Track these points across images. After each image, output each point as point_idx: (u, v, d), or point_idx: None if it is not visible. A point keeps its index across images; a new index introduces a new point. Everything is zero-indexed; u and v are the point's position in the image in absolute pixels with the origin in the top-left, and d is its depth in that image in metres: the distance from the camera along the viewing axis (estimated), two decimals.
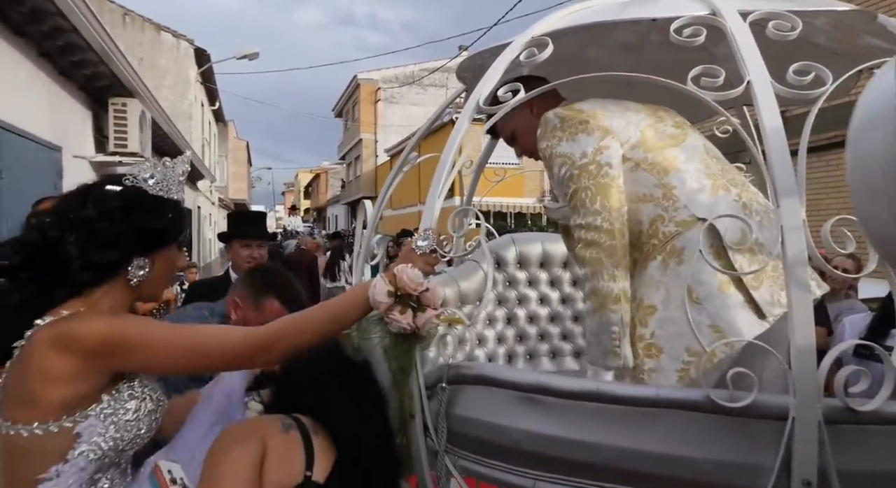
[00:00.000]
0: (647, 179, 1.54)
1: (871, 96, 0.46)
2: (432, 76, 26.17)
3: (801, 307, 1.08)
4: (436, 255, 1.40)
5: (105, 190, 1.22)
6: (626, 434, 1.16)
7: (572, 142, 1.54)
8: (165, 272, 1.30)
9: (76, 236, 1.15)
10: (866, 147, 0.45)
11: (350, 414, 1.26)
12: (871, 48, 1.76)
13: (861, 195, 0.46)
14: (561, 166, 1.56)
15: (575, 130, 1.54)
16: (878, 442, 1.10)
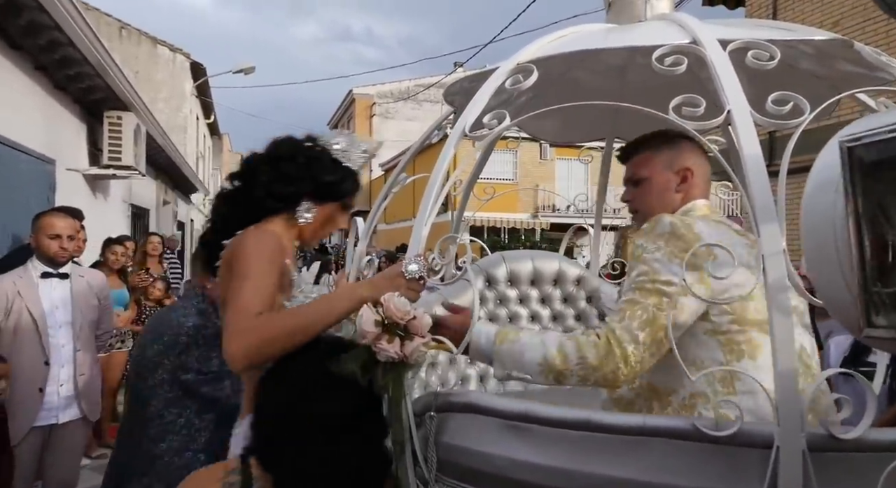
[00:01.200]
0: (715, 354, 1.31)
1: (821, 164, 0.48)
2: (427, 92, 26.35)
3: (783, 332, 1.09)
4: (422, 282, 1.40)
5: (296, 141, 1.58)
6: (613, 462, 1.16)
7: (668, 262, 1.32)
8: (325, 223, 1.61)
9: (268, 169, 1.50)
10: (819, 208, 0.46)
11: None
12: (849, 73, 1.79)
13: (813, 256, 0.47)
14: (641, 273, 1.35)
15: (677, 255, 1.31)
16: (862, 470, 1.10)
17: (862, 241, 0.40)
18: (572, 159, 20.76)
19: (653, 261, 1.34)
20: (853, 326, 0.43)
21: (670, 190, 1.56)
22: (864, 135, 0.41)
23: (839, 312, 0.44)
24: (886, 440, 1.11)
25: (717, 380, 1.28)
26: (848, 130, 0.45)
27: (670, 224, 1.36)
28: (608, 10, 2.02)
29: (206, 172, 20.10)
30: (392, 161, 26.17)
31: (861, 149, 0.41)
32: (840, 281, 0.43)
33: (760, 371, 1.20)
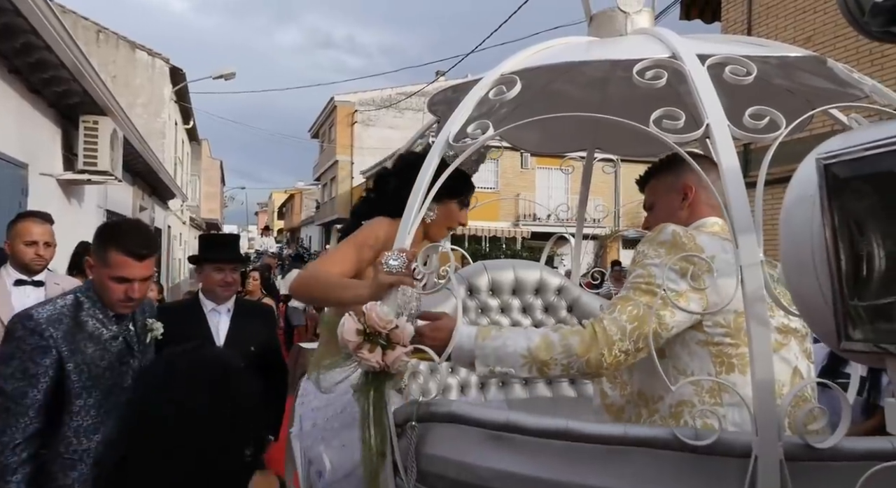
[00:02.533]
0: (706, 365, 1.32)
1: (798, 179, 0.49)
2: (409, 100, 26.40)
3: (760, 342, 1.11)
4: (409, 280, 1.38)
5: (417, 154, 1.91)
6: (594, 472, 1.17)
7: (666, 269, 1.32)
8: (446, 218, 2.12)
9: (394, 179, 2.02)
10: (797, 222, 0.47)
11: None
12: (821, 89, 1.84)
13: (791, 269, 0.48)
14: (638, 276, 1.37)
15: (677, 263, 1.32)
16: (838, 478, 1.12)
17: (839, 255, 0.41)
18: (552, 168, 20.93)
19: (651, 267, 1.35)
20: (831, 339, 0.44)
21: (675, 209, 1.59)
22: (840, 152, 0.42)
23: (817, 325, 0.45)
24: (861, 449, 1.13)
25: (705, 391, 1.29)
26: (824, 148, 0.46)
27: (672, 233, 1.38)
28: (590, 23, 2.05)
29: (184, 178, 19.85)
30: (373, 168, 26.13)
31: (837, 166, 0.43)
32: (818, 294, 0.44)
33: (749, 387, 1.21)
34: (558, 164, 13.67)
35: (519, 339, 1.35)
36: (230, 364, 1.06)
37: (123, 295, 1.86)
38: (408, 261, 1.39)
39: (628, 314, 1.31)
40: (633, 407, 1.41)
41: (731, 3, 9.59)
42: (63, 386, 1.80)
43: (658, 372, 1.20)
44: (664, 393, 1.34)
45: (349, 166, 30.85)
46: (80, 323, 1.87)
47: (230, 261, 2.89)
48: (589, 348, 1.30)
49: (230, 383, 1.01)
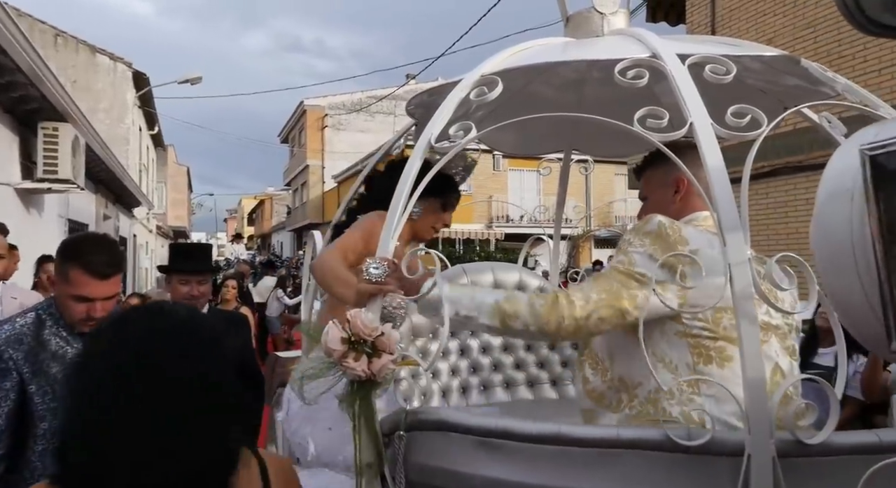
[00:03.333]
0: (683, 355, 1.32)
1: (832, 172, 0.48)
2: (380, 104, 26.27)
3: (750, 340, 1.11)
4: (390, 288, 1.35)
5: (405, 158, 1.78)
6: (587, 476, 1.15)
7: (648, 257, 1.34)
8: (430, 219, 2.27)
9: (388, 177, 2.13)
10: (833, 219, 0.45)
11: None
12: (795, 87, 1.87)
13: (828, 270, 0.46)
14: (619, 261, 1.39)
15: (658, 254, 1.32)
16: (827, 472, 1.12)
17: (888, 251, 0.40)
18: (524, 170, 21.05)
19: (633, 254, 1.37)
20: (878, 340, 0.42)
21: (667, 202, 1.59)
22: (888, 142, 0.41)
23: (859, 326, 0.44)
24: (850, 443, 1.14)
25: (693, 382, 1.29)
26: (866, 138, 0.44)
27: (658, 224, 1.39)
28: (566, 24, 2.05)
29: (149, 185, 19.38)
30: (345, 173, 25.92)
31: (884, 156, 0.41)
32: (860, 294, 0.43)
33: (727, 381, 1.22)
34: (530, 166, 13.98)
35: (490, 293, 1.45)
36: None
37: (85, 314, 1.76)
38: (389, 269, 1.36)
39: (598, 288, 1.36)
40: (615, 393, 1.42)
41: (696, 7, 9.79)
42: (27, 408, 1.71)
43: (635, 357, 1.20)
44: (643, 380, 1.35)
45: (320, 171, 30.56)
46: (43, 342, 1.77)
47: (196, 273, 2.79)
48: (551, 309, 1.34)
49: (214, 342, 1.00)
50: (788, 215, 7.67)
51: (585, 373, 1.51)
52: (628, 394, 1.38)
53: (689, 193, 1.58)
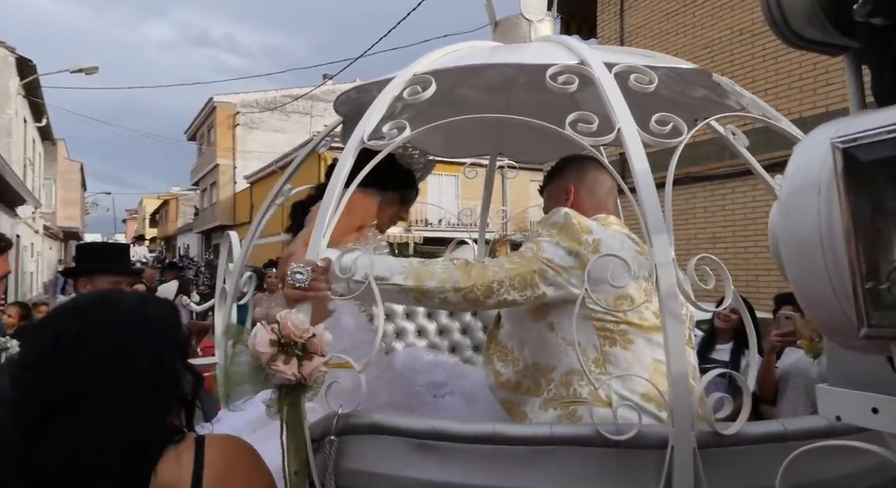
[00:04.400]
0: (591, 337, 1.40)
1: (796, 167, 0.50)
2: (296, 103, 25.61)
3: (675, 337, 1.16)
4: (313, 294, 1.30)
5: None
6: (522, 474, 1.16)
7: (555, 245, 1.42)
8: (388, 213, 2.18)
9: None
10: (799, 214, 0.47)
11: None
12: (703, 99, 1.99)
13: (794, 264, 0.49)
14: (527, 247, 1.47)
15: (564, 242, 1.42)
16: (742, 462, 1.20)
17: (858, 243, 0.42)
18: (443, 175, 21.22)
19: (541, 242, 1.45)
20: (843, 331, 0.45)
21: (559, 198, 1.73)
22: (860, 135, 0.44)
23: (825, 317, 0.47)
24: (758, 433, 1.22)
25: (591, 361, 1.38)
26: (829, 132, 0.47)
27: (564, 215, 1.48)
28: (494, 29, 2.08)
29: (36, 182, 17.84)
30: (258, 173, 25.03)
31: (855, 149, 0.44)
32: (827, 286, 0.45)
33: (630, 362, 1.34)
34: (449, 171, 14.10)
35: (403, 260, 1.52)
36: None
37: None
38: (314, 273, 1.31)
39: (511, 260, 1.45)
40: (531, 380, 1.48)
41: (606, 23, 10.30)
42: None
43: (546, 342, 1.28)
44: (556, 363, 1.43)
45: (231, 170, 29.36)
46: None
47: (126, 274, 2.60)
48: (465, 270, 1.42)
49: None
50: (688, 222, 8.21)
51: (496, 367, 1.58)
52: (545, 379, 1.45)
53: (577, 200, 1.70)
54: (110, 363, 0.99)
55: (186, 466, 0.96)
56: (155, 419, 0.99)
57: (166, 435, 0.99)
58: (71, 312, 1.08)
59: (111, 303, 1.08)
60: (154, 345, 1.05)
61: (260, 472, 1.08)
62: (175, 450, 0.97)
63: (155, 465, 0.95)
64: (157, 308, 1.12)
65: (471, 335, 2.79)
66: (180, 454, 0.97)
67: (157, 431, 0.98)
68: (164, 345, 1.07)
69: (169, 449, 0.97)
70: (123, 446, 0.93)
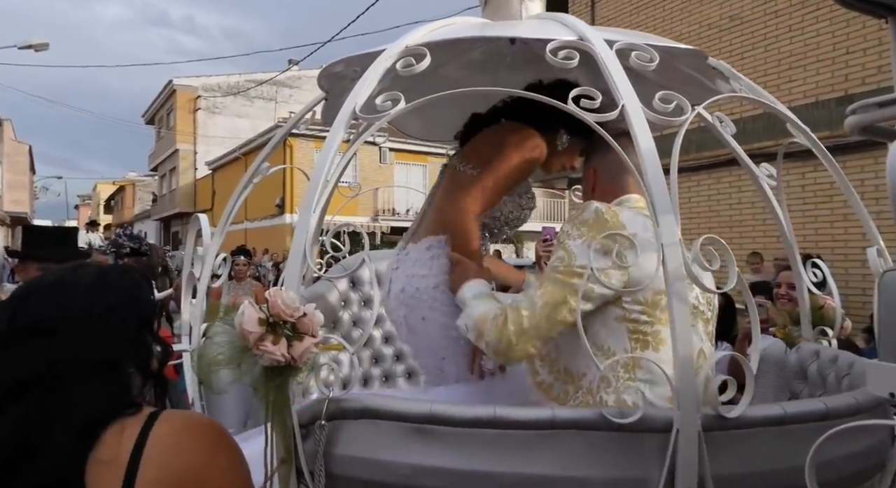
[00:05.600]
0: (622, 342, 1.33)
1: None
2: (260, 89, 25.01)
3: (681, 319, 1.13)
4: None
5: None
6: (522, 459, 1.12)
7: (587, 248, 1.30)
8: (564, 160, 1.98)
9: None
10: None
11: None
12: (697, 85, 1.96)
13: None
14: (559, 258, 1.37)
15: (598, 240, 1.29)
16: (742, 445, 1.18)
17: None
18: (411, 164, 21.08)
19: (571, 246, 1.35)
20: None
21: (587, 193, 1.67)
22: None
23: None
24: (759, 416, 1.20)
25: (620, 366, 1.31)
26: None
27: (595, 211, 1.38)
28: (484, 7, 2.02)
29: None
30: (221, 159, 24.40)
31: None
32: None
33: (661, 363, 1.24)
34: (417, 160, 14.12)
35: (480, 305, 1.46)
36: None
37: None
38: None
39: (543, 292, 1.35)
40: (561, 385, 1.41)
41: (577, 14, 10.27)
42: None
43: (580, 348, 1.19)
44: (586, 371, 1.36)
45: (192, 156, 28.55)
46: None
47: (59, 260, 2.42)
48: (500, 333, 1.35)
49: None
50: None
51: (535, 366, 1.50)
52: (574, 386, 1.37)
53: (601, 182, 1.63)
54: (63, 350, 0.95)
55: (128, 441, 0.91)
56: (110, 400, 0.94)
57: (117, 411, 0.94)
58: (22, 299, 1.02)
59: (64, 285, 1.03)
60: (112, 323, 1.00)
61: (218, 453, 1.01)
62: (121, 425, 0.92)
63: (96, 441, 0.90)
64: (119, 281, 1.05)
65: None
66: (125, 428, 0.92)
67: (105, 412, 0.93)
68: (125, 322, 1.01)
69: (114, 423, 0.92)
70: (72, 429, 0.90)
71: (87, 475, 0.87)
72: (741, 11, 7.74)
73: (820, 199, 6.55)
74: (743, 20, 7.71)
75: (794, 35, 7.20)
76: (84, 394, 0.92)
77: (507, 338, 1.34)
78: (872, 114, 0.57)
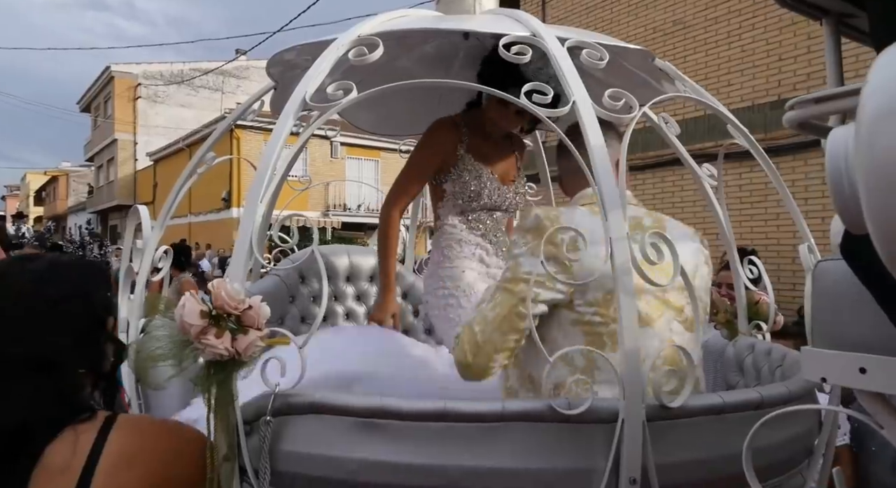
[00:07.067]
0: (578, 345, 1.30)
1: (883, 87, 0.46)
2: (206, 78, 24.20)
3: (627, 312, 1.16)
4: None
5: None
6: (472, 451, 1.12)
7: (530, 256, 1.31)
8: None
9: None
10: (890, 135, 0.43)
11: None
12: (643, 86, 2.02)
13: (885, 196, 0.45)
14: (507, 268, 1.38)
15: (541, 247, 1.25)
16: (683, 434, 1.22)
17: None
18: (363, 159, 20.84)
19: (518, 256, 1.35)
20: None
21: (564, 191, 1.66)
22: None
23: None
24: (701, 405, 1.24)
25: (579, 371, 1.29)
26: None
27: (535, 218, 1.37)
28: (438, 1, 2.01)
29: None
30: (162, 150, 23.50)
31: None
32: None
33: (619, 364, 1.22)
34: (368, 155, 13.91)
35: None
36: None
37: None
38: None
39: (492, 304, 1.35)
40: (525, 392, 1.39)
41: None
42: None
43: (540, 355, 1.20)
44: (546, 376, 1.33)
45: (132, 146, 27.39)
46: None
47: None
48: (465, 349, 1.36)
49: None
50: None
51: (507, 371, 1.47)
52: (536, 393, 1.35)
53: (564, 180, 1.63)
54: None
55: (83, 449, 0.87)
56: (48, 402, 0.89)
57: (67, 416, 0.89)
58: None
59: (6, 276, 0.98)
60: (57, 319, 0.94)
61: (178, 461, 0.98)
62: (74, 431, 0.88)
63: (42, 448, 0.85)
64: (70, 274, 0.99)
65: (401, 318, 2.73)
66: (79, 435, 0.88)
67: (45, 415, 0.88)
68: (72, 318, 0.96)
69: (67, 429, 0.87)
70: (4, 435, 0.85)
71: (32, 484, 0.83)
72: (684, 16, 8.01)
73: (755, 199, 6.85)
74: (686, 25, 7.98)
75: (733, 41, 7.50)
76: (18, 396, 0.86)
77: (463, 358, 1.34)
78: (809, 109, 0.60)
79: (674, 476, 1.18)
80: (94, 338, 0.97)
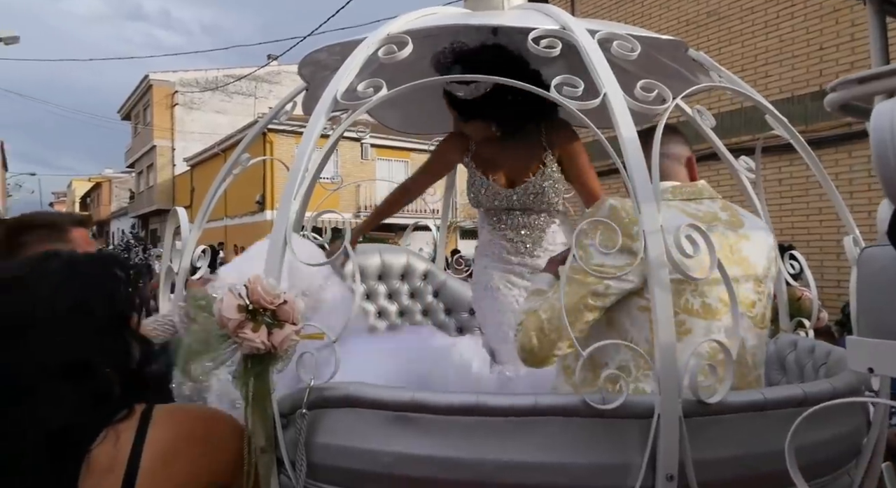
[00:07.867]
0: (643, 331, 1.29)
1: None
2: (239, 84, 24.68)
3: (663, 306, 1.14)
4: None
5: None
6: (505, 446, 1.12)
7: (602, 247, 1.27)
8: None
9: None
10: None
11: None
12: (676, 77, 1.97)
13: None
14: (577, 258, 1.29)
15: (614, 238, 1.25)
16: (722, 430, 1.19)
17: None
18: (392, 160, 20.97)
19: (588, 246, 1.32)
20: None
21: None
22: None
23: None
24: (740, 402, 1.21)
25: (640, 356, 1.28)
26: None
27: (609, 208, 1.34)
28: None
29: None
30: (199, 155, 24.06)
31: None
32: None
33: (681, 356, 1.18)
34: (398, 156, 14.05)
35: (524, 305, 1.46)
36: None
37: None
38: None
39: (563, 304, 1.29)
40: (583, 371, 1.37)
41: None
42: None
43: (604, 338, 1.20)
44: (608, 359, 1.33)
45: (170, 152, 28.12)
46: None
47: None
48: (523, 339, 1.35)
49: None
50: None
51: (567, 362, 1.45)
52: (594, 374, 1.31)
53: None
54: (24, 359, 0.88)
55: (125, 446, 0.88)
56: (84, 406, 0.89)
57: (105, 416, 0.90)
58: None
59: (26, 280, 0.95)
60: (80, 319, 0.93)
61: (216, 449, 1.00)
62: (115, 430, 0.89)
63: (87, 451, 0.86)
64: (91, 272, 0.99)
65: (432, 316, 2.75)
66: (119, 433, 0.89)
67: (88, 417, 0.89)
68: (95, 317, 0.95)
69: (107, 430, 0.89)
70: (45, 440, 0.85)
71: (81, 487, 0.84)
72: (718, 7, 7.82)
73: (796, 193, 6.65)
74: (720, 16, 7.80)
75: (770, 31, 7.30)
76: (56, 402, 0.87)
77: (528, 342, 1.33)
78: (853, 90, 0.58)
79: (713, 472, 1.16)
80: (117, 335, 0.96)
